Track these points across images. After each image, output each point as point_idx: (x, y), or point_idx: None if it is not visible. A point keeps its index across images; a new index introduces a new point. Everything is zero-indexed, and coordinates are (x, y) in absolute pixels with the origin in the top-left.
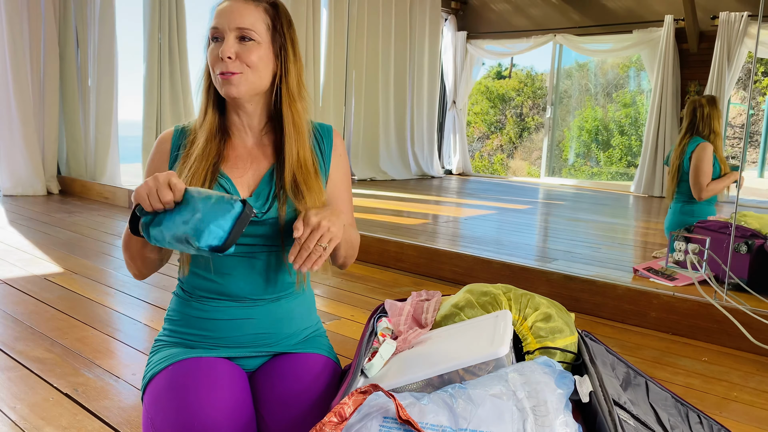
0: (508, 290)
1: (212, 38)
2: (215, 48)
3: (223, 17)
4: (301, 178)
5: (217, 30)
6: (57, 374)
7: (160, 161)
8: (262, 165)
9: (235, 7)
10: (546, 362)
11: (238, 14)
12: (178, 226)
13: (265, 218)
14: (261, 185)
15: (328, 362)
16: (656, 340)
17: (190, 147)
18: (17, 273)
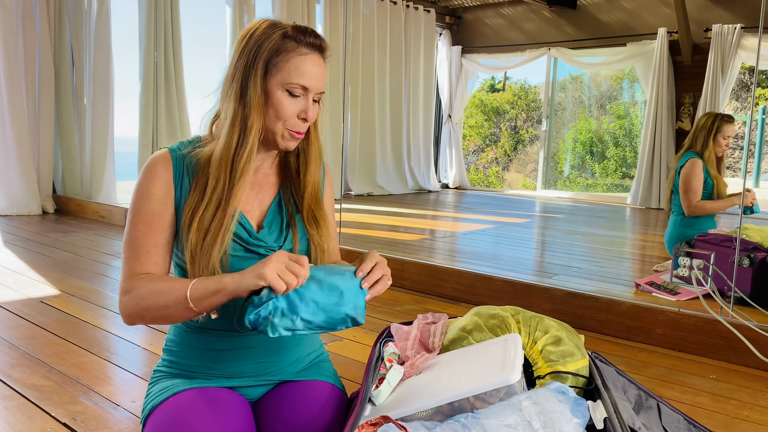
0: (516, 312)
1: (290, 91)
2: (295, 104)
3: (315, 80)
4: (316, 207)
5: (304, 90)
6: (55, 402)
7: (163, 189)
8: (266, 194)
9: (322, 70)
10: (559, 389)
11: (323, 79)
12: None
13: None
14: (270, 215)
15: (333, 390)
16: (662, 357)
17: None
18: (13, 296)
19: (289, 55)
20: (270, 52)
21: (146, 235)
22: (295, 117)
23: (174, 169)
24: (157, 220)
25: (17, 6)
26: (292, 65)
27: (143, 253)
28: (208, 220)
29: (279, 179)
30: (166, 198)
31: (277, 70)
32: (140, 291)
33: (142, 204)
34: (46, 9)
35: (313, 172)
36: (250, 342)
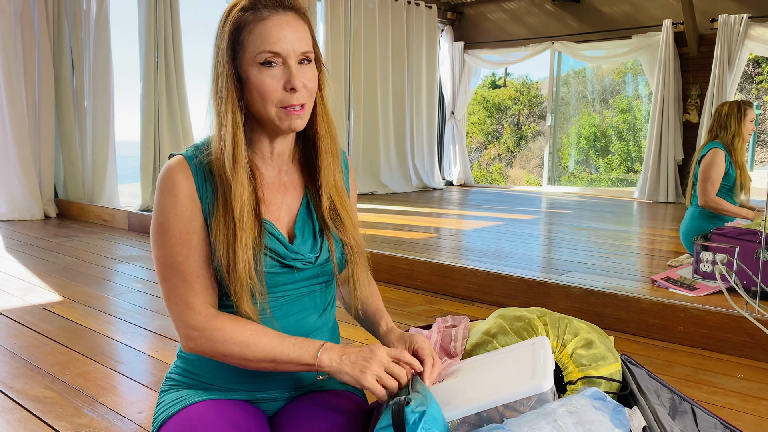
0: (543, 314)
1: (265, 64)
2: (275, 77)
3: (286, 41)
4: (338, 201)
5: (278, 56)
6: (58, 415)
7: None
8: (292, 197)
9: (295, 27)
10: (595, 395)
11: (298, 39)
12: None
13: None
14: (299, 222)
15: (353, 398)
16: (686, 355)
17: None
18: (15, 303)
19: (250, 26)
20: (231, 33)
21: (188, 258)
22: (281, 91)
23: (195, 178)
24: (194, 239)
25: (15, 9)
26: (256, 34)
27: (193, 278)
28: (225, 232)
29: (303, 179)
30: (195, 211)
31: (244, 48)
32: (219, 335)
33: (173, 224)
34: (45, 11)
35: (328, 154)
36: None
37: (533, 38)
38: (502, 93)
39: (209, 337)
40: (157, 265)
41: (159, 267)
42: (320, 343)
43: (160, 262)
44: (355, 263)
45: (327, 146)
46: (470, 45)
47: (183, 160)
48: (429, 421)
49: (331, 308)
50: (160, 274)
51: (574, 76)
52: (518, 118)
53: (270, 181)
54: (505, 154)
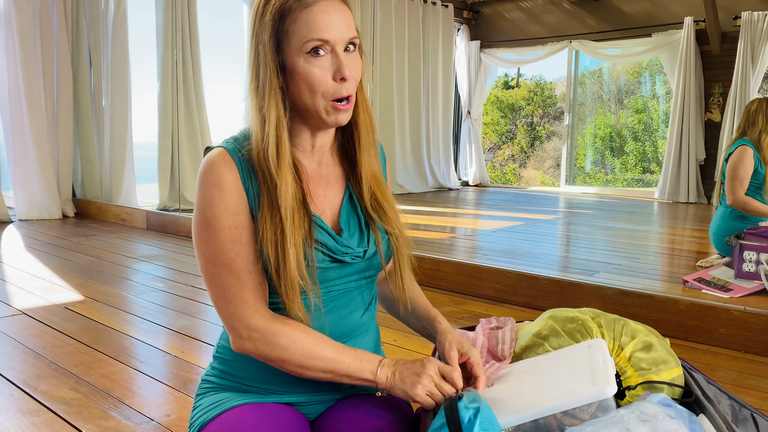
0: (596, 315)
1: (311, 53)
2: (324, 66)
3: (334, 28)
4: (379, 192)
5: (325, 43)
6: (84, 417)
7: (236, 197)
8: (334, 190)
9: (341, 14)
10: (664, 401)
11: (345, 24)
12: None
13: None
14: (343, 215)
15: (400, 404)
16: (729, 359)
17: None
18: (36, 302)
19: (294, 14)
20: (274, 22)
21: (240, 254)
22: (330, 81)
23: (240, 171)
24: (244, 234)
25: (34, 8)
26: (301, 23)
27: (246, 275)
28: (273, 231)
29: (344, 169)
30: (242, 205)
31: (289, 38)
32: (282, 340)
33: (222, 219)
34: (64, 10)
35: (367, 145)
36: None
37: (551, 37)
38: (516, 93)
39: (270, 341)
40: (205, 263)
41: (207, 265)
42: (379, 359)
43: (209, 260)
44: (402, 254)
45: (367, 138)
46: (487, 44)
47: (225, 153)
48: (485, 423)
49: (374, 306)
50: (208, 272)
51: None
52: (532, 119)
53: (312, 174)
54: (519, 154)
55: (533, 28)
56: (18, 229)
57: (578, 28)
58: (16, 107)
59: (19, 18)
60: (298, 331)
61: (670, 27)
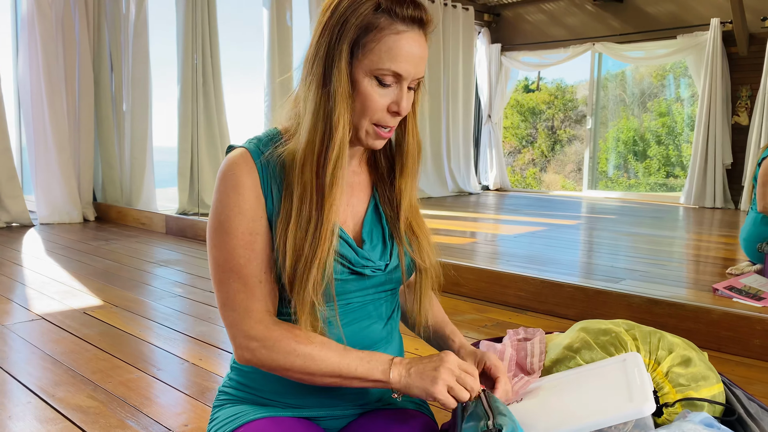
0: (630, 327)
1: (380, 79)
2: (385, 95)
3: (411, 64)
4: (415, 222)
5: (397, 77)
6: (101, 426)
7: (254, 201)
8: (358, 198)
9: (421, 51)
10: (706, 421)
11: (422, 62)
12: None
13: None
14: (366, 226)
15: (422, 418)
16: (765, 372)
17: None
18: (55, 307)
19: (381, 33)
20: (357, 30)
21: (251, 261)
22: (383, 110)
23: (260, 174)
24: (258, 241)
25: (57, 13)
26: (385, 46)
27: (255, 284)
28: (301, 241)
29: (371, 178)
30: (260, 211)
31: (365, 54)
32: (281, 345)
33: (235, 223)
34: (86, 15)
35: (412, 173)
36: None
37: (573, 39)
38: (536, 97)
39: (270, 348)
40: (215, 267)
41: (216, 270)
42: (390, 358)
43: (218, 265)
44: (425, 284)
45: (413, 166)
46: (508, 47)
47: (247, 154)
48: None
49: (396, 318)
50: (217, 277)
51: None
52: (552, 123)
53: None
54: (540, 158)
55: (555, 31)
56: (39, 233)
57: (601, 31)
58: (38, 112)
59: (41, 23)
60: (301, 336)
61: (696, 29)
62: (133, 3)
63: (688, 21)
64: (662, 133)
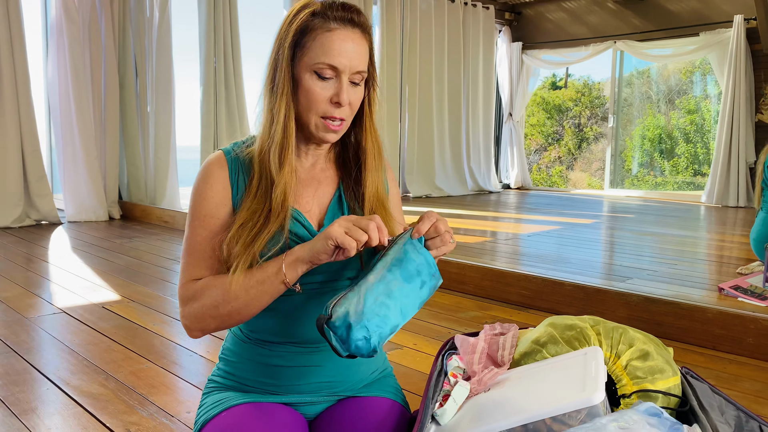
0: (596, 323)
1: (319, 74)
2: (325, 88)
3: (345, 57)
4: (378, 205)
5: (334, 69)
6: (110, 412)
7: (220, 190)
8: (324, 190)
9: (357, 45)
10: (651, 410)
11: (357, 56)
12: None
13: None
14: (330, 212)
15: (394, 405)
16: (756, 370)
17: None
18: (77, 301)
19: (316, 32)
20: (296, 33)
21: (206, 239)
22: (326, 102)
23: (229, 168)
24: (216, 223)
25: (84, 18)
26: (319, 43)
27: (204, 259)
28: (252, 215)
29: (338, 173)
30: (223, 199)
31: (305, 52)
32: (199, 287)
33: (200, 208)
34: (111, 20)
35: (373, 169)
36: (315, 360)
37: (594, 38)
38: (563, 94)
39: (192, 296)
40: (183, 243)
41: (183, 245)
42: (282, 257)
43: (183, 245)
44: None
45: (373, 162)
46: (529, 45)
47: (221, 154)
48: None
49: None
50: (182, 253)
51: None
52: (579, 120)
53: (303, 175)
54: (566, 156)
55: (576, 29)
56: (66, 230)
57: (622, 29)
58: (66, 114)
59: (69, 29)
60: (216, 276)
61: (719, 26)
62: (157, 7)
63: (710, 18)
64: (690, 131)
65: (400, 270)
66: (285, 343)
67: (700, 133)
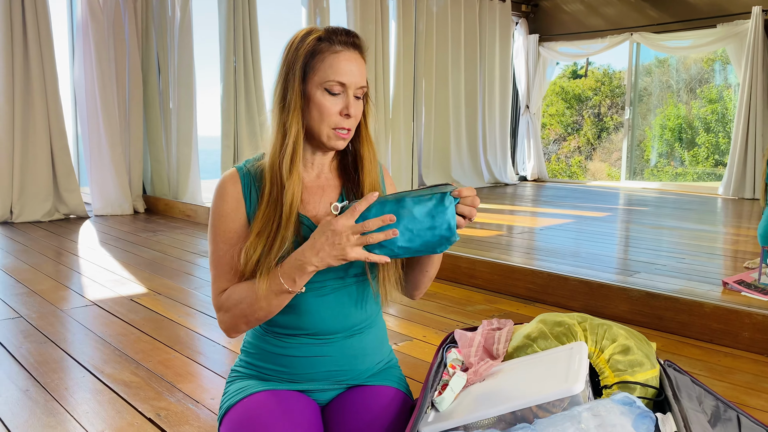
0: (583, 320)
1: (329, 90)
2: (335, 102)
3: (351, 75)
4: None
5: (342, 86)
6: (141, 398)
7: (235, 204)
8: (329, 196)
9: (359, 65)
10: (624, 400)
11: (360, 74)
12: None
13: None
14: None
15: (397, 393)
16: (749, 362)
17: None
18: (106, 294)
19: (323, 55)
20: (306, 56)
21: (227, 252)
22: (337, 115)
23: (242, 183)
24: (233, 237)
25: (108, 18)
26: (327, 64)
27: (228, 270)
28: (269, 224)
29: (340, 181)
30: (238, 213)
31: (315, 72)
32: (231, 299)
33: (218, 224)
34: (134, 19)
35: (370, 172)
36: (325, 351)
37: (611, 29)
38: (583, 83)
39: (224, 308)
40: (209, 255)
41: (209, 257)
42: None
43: (209, 260)
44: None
45: (369, 167)
46: (545, 37)
47: (234, 171)
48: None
49: (372, 304)
50: (209, 266)
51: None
52: (599, 109)
53: (309, 184)
54: (585, 146)
55: (593, 21)
56: (93, 224)
57: (639, 20)
58: (92, 111)
59: (95, 29)
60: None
61: (737, 17)
62: (179, 6)
63: (728, 9)
64: (711, 120)
65: (420, 206)
66: (298, 335)
67: (722, 122)
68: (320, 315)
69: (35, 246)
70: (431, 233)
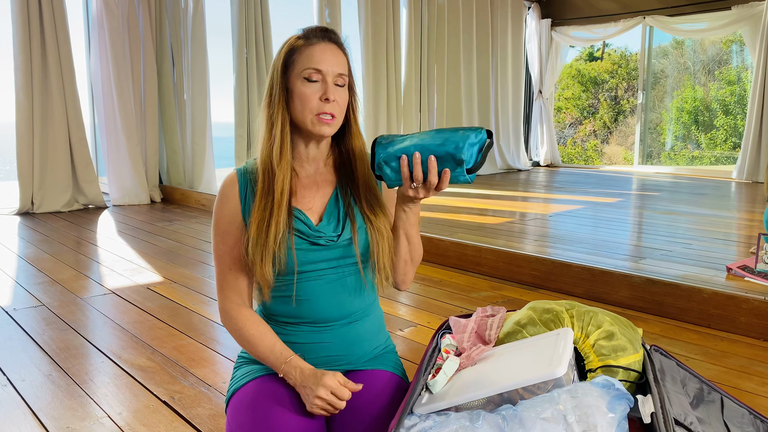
0: (571, 307)
1: (308, 78)
2: (315, 89)
3: (327, 62)
4: (372, 197)
5: (319, 73)
6: (156, 382)
7: (232, 207)
8: (325, 190)
9: (335, 54)
10: (603, 383)
11: (336, 63)
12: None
13: (340, 240)
14: (329, 208)
15: (392, 377)
16: (745, 347)
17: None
18: (124, 283)
19: (301, 48)
20: (286, 54)
21: (226, 252)
22: (317, 100)
23: (240, 184)
24: (231, 237)
25: (122, 12)
26: (304, 54)
27: (227, 268)
28: (262, 211)
29: (336, 176)
30: (235, 214)
31: (294, 65)
32: (235, 325)
33: (218, 226)
34: (148, 12)
35: (361, 163)
36: (324, 338)
37: (624, 13)
38: (599, 66)
39: (229, 324)
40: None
41: (213, 257)
42: (285, 358)
43: (213, 252)
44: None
45: (360, 160)
46: (558, 22)
47: (233, 173)
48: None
49: (369, 293)
50: (214, 261)
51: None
52: (616, 92)
53: (305, 180)
54: (601, 130)
55: (605, 5)
56: (111, 214)
57: (652, 3)
58: (108, 103)
59: (109, 22)
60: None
61: None
62: None
63: None
64: (730, 102)
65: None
66: (299, 323)
67: (741, 104)
68: (319, 304)
69: (55, 236)
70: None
